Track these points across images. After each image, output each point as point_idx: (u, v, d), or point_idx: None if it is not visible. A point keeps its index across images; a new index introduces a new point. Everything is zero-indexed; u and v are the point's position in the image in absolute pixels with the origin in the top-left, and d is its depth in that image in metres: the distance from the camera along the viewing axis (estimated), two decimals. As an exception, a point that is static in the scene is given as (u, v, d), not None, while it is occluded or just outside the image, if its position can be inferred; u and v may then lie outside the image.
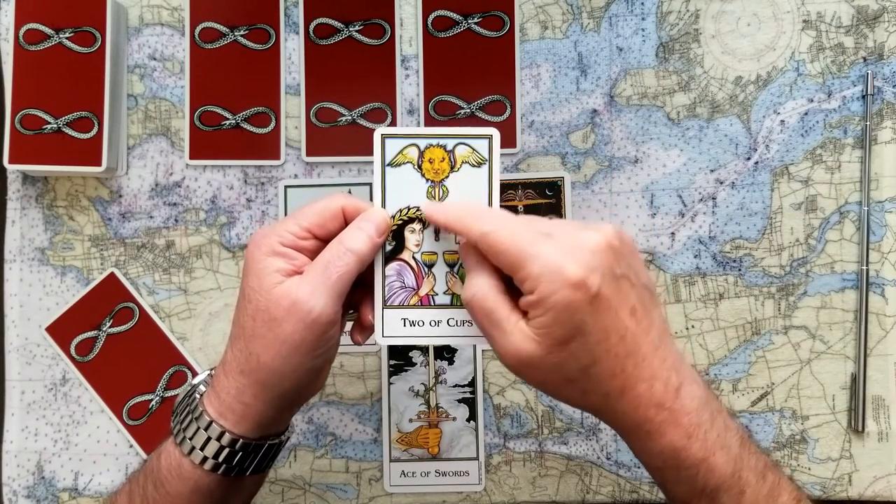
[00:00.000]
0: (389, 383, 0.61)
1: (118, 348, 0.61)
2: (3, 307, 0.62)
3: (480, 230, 0.41)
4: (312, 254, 0.46)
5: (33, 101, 0.59)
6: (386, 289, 0.47)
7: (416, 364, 0.61)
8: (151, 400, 0.61)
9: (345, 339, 0.63)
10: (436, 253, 0.47)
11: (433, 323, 0.47)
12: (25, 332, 0.62)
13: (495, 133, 0.46)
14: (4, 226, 0.63)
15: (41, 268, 0.62)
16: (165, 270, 0.62)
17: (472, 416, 0.61)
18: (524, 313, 0.40)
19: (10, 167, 0.59)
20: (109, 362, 0.61)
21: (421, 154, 0.47)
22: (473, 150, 0.47)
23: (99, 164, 0.59)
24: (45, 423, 0.62)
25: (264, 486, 0.61)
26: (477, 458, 0.61)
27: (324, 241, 0.46)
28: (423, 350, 0.61)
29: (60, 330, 0.62)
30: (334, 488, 0.61)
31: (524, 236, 0.40)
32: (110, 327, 0.62)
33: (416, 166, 0.47)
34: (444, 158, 0.47)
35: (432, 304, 0.47)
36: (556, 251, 0.39)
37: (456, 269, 0.47)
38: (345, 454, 0.61)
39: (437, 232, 0.47)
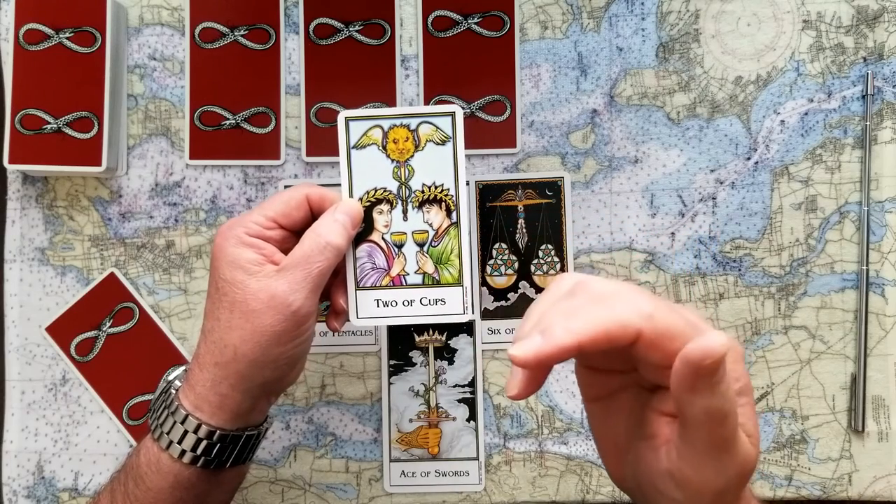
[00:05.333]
0: (389, 383, 0.61)
1: (118, 348, 0.61)
2: (3, 307, 0.62)
3: (635, 324, 0.32)
4: (279, 243, 0.46)
5: (33, 101, 0.59)
6: (357, 270, 0.48)
7: (416, 364, 0.61)
8: (151, 400, 0.61)
9: (345, 340, 0.63)
10: (405, 233, 0.48)
11: (406, 303, 0.48)
12: (25, 332, 0.62)
13: (458, 110, 0.47)
14: (4, 226, 0.63)
15: (41, 268, 0.62)
16: (165, 270, 0.62)
17: (472, 416, 0.61)
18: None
19: (10, 167, 0.59)
20: (109, 362, 0.61)
21: (385, 135, 0.48)
22: (437, 128, 0.47)
23: (99, 164, 0.59)
24: (45, 423, 0.62)
25: (264, 485, 0.61)
26: (477, 458, 0.61)
27: (290, 230, 0.47)
28: (423, 350, 0.61)
29: (60, 330, 0.62)
30: (334, 488, 0.61)
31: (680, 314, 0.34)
32: (110, 327, 0.62)
33: (380, 147, 0.48)
34: (408, 138, 0.47)
35: (404, 283, 0.48)
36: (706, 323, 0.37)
37: (426, 248, 0.48)
38: (345, 454, 0.61)
39: (404, 212, 0.48)
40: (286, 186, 0.62)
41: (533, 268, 0.61)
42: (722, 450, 0.32)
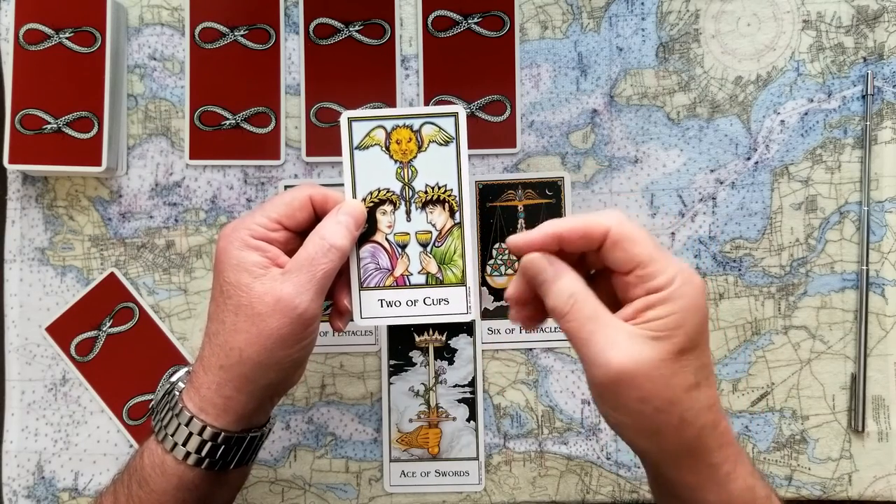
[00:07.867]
0: (389, 383, 0.61)
1: (118, 348, 0.61)
2: (3, 307, 0.62)
3: (606, 223, 0.40)
4: (283, 245, 0.46)
5: (33, 101, 0.59)
6: (361, 271, 0.48)
7: (416, 364, 0.61)
8: (151, 400, 0.61)
9: (345, 340, 0.63)
10: (408, 233, 0.48)
11: (409, 303, 0.48)
12: (25, 332, 0.62)
13: (461, 110, 0.47)
14: (4, 226, 0.63)
15: (41, 268, 0.62)
16: (165, 270, 0.62)
17: (472, 416, 0.61)
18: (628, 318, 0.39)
19: (10, 167, 0.59)
20: (109, 362, 0.61)
21: (388, 135, 0.48)
22: (440, 128, 0.47)
23: (99, 164, 0.59)
24: (45, 423, 0.62)
25: (264, 485, 0.61)
26: (477, 458, 0.61)
27: (293, 231, 0.47)
28: (423, 350, 0.61)
29: (60, 330, 0.62)
30: (334, 488, 0.61)
31: (648, 235, 0.40)
32: (110, 327, 0.62)
33: (383, 148, 0.48)
34: (411, 139, 0.47)
35: (408, 284, 0.48)
36: (680, 260, 0.40)
37: (429, 248, 0.48)
38: (345, 454, 0.61)
39: (408, 213, 0.48)
40: (286, 186, 0.62)
41: (533, 268, 0.61)
42: (589, 330, 0.38)
